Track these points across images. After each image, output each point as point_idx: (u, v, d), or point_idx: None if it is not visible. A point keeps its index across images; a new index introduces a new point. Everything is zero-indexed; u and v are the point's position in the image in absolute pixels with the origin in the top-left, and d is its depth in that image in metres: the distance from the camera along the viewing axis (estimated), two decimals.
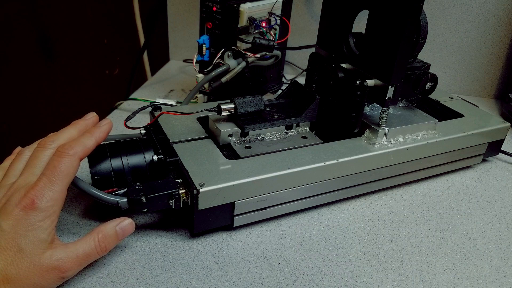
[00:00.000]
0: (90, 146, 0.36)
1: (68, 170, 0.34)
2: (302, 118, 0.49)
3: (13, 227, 0.31)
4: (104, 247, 0.35)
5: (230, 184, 0.39)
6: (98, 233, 0.35)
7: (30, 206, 0.32)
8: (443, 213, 0.49)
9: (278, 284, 0.37)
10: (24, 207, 0.32)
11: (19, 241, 0.31)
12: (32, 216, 0.32)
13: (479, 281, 0.40)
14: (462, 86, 0.85)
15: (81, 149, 0.35)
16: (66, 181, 0.34)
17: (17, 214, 0.31)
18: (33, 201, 0.32)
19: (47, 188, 0.33)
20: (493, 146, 0.57)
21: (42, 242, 0.32)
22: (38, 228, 0.32)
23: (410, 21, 0.41)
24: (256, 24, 0.58)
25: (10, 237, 0.31)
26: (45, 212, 0.32)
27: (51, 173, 0.33)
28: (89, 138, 0.37)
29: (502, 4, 0.76)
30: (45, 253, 0.32)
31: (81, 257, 0.34)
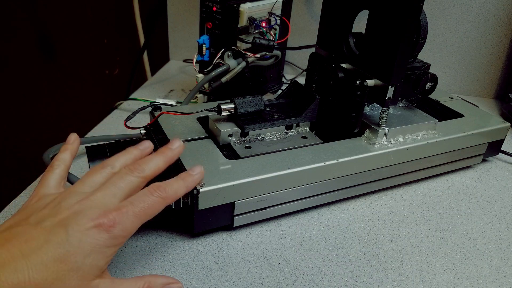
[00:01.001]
0: (180, 195, 0.36)
1: (152, 211, 0.33)
2: (302, 118, 0.49)
3: (80, 243, 0.29)
4: None
5: (230, 184, 0.39)
6: (146, 282, 0.33)
7: (108, 227, 0.30)
8: (443, 213, 0.49)
9: (278, 284, 0.37)
10: (99, 225, 0.30)
11: (79, 259, 0.29)
12: (103, 238, 0.30)
13: (479, 281, 0.40)
14: (462, 86, 0.85)
15: (172, 196, 0.35)
16: (145, 220, 0.33)
17: (90, 230, 0.30)
18: (113, 223, 0.30)
19: (129, 219, 0.31)
20: (493, 146, 0.57)
21: (98, 269, 0.30)
22: (102, 253, 0.30)
23: (410, 21, 0.41)
24: (256, 24, 0.58)
25: (72, 251, 0.29)
26: (115, 240, 0.31)
27: (138, 205, 0.32)
28: (181, 186, 0.36)
29: (502, 4, 0.76)
30: (94, 280, 0.30)
31: None
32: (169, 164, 0.37)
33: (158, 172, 0.36)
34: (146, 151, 0.39)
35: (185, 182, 0.36)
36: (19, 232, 0.30)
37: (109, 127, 0.63)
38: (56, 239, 0.29)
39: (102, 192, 0.33)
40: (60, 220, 0.30)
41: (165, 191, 0.34)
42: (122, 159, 0.37)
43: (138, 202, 0.32)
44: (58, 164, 0.37)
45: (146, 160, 0.36)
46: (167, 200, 0.34)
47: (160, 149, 0.38)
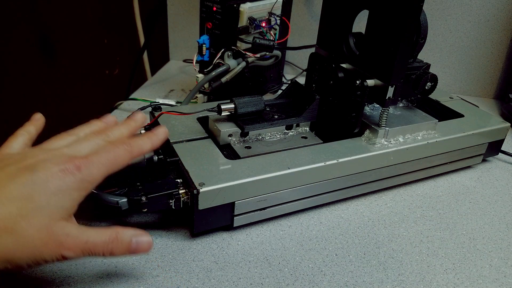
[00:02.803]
0: (146, 150, 0.36)
1: (118, 162, 0.34)
2: (302, 118, 0.49)
3: (45, 182, 0.30)
4: (110, 249, 0.33)
5: (230, 184, 0.39)
6: (114, 232, 0.33)
7: (72, 170, 0.31)
8: (443, 213, 0.49)
9: (278, 284, 0.37)
10: (65, 170, 0.30)
11: (43, 198, 0.30)
12: (69, 180, 0.30)
13: (479, 281, 0.39)
14: (462, 86, 0.85)
15: (137, 149, 0.35)
16: (111, 170, 0.33)
17: (54, 173, 0.30)
18: (78, 167, 0.31)
19: (95, 165, 0.32)
20: (493, 146, 0.57)
21: (63, 210, 0.31)
22: (68, 194, 0.31)
23: (410, 21, 0.41)
24: (256, 24, 0.58)
25: (37, 189, 0.29)
26: (81, 183, 0.31)
27: (103, 155, 0.33)
28: (146, 142, 0.37)
29: (502, 4, 0.76)
30: (60, 222, 0.30)
31: (88, 244, 0.32)
32: (132, 134, 0.39)
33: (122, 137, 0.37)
34: (109, 123, 0.40)
35: (150, 139, 0.37)
36: None
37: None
38: (21, 180, 0.30)
39: (68, 148, 0.34)
40: (25, 165, 0.31)
41: (130, 144, 0.35)
42: (87, 129, 0.38)
43: (104, 152, 0.33)
44: (22, 133, 0.37)
45: (111, 128, 0.38)
46: (132, 154, 0.35)
47: (124, 120, 0.40)
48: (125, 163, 0.35)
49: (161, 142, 0.38)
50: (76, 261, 0.38)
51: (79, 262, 0.38)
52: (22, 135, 0.37)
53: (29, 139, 0.37)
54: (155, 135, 0.38)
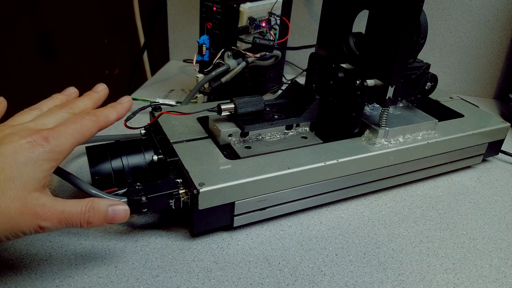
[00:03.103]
0: (112, 119, 0.37)
1: (85, 132, 0.34)
2: (302, 118, 0.49)
3: (14, 154, 0.30)
4: (87, 219, 0.33)
5: (230, 184, 0.39)
6: (90, 201, 0.33)
7: (40, 142, 0.31)
8: (443, 213, 0.49)
9: (278, 284, 0.37)
10: (32, 141, 0.31)
11: (14, 169, 0.30)
12: (38, 151, 0.31)
13: (479, 281, 0.40)
14: (462, 86, 0.85)
15: (103, 119, 0.36)
16: (79, 140, 0.34)
17: (22, 145, 0.30)
18: (46, 138, 0.31)
19: (62, 135, 0.32)
20: (493, 146, 0.57)
21: (36, 181, 0.31)
22: (38, 165, 0.31)
23: (410, 21, 0.41)
24: (256, 24, 0.58)
25: (6, 161, 0.30)
26: (51, 154, 0.31)
27: (70, 125, 0.33)
28: (112, 112, 0.37)
29: (502, 4, 0.76)
30: (33, 192, 0.31)
31: (64, 214, 0.32)
32: (96, 106, 0.39)
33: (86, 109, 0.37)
34: (71, 96, 0.40)
35: (115, 109, 0.38)
36: None
37: (109, 127, 0.63)
38: None
39: (33, 122, 0.34)
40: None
41: (95, 114, 0.35)
42: (50, 103, 0.38)
43: (70, 123, 0.34)
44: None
45: (74, 100, 0.38)
46: (99, 123, 0.35)
47: (86, 92, 0.40)
48: (93, 134, 0.35)
49: (126, 111, 0.39)
50: (76, 261, 0.38)
51: (79, 262, 0.38)
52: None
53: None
54: (119, 103, 0.39)
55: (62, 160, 0.33)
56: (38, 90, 0.85)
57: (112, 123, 0.37)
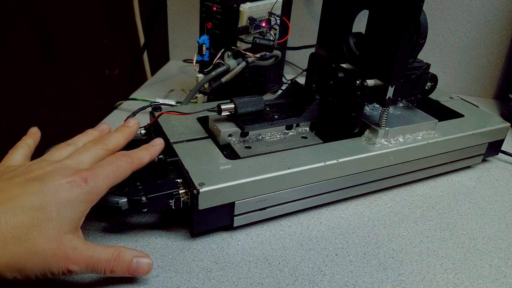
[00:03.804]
0: (145, 161, 0.38)
1: (120, 174, 0.35)
2: (302, 118, 0.49)
3: (55, 193, 0.31)
4: (111, 267, 0.33)
5: (230, 184, 0.39)
6: (117, 250, 0.34)
7: (80, 183, 0.32)
8: (443, 213, 0.49)
9: (278, 284, 0.37)
10: (72, 182, 0.31)
11: (54, 209, 0.30)
12: (77, 192, 0.31)
13: (479, 281, 0.40)
14: (462, 86, 0.85)
15: (137, 161, 0.37)
16: (115, 182, 0.35)
17: (63, 185, 0.31)
18: (85, 179, 0.32)
19: (100, 177, 0.33)
20: (493, 146, 0.57)
21: (72, 222, 0.31)
22: (76, 206, 0.31)
23: (410, 21, 0.41)
24: (256, 24, 0.58)
25: (48, 199, 0.30)
26: (88, 195, 0.32)
27: (107, 167, 0.34)
28: (145, 154, 0.39)
29: (502, 4, 0.76)
30: (68, 234, 0.31)
31: (93, 260, 0.32)
32: (128, 141, 0.41)
33: (119, 146, 0.39)
34: (104, 131, 0.42)
35: (148, 151, 0.39)
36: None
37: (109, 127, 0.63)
38: (32, 189, 0.30)
39: (70, 159, 0.35)
40: (33, 176, 0.32)
41: (130, 156, 0.37)
42: (84, 139, 0.39)
43: (107, 164, 0.35)
44: (23, 146, 0.38)
45: (108, 136, 0.39)
46: (134, 165, 0.37)
47: (119, 127, 0.41)
48: (127, 175, 0.36)
49: (158, 153, 0.40)
50: None
51: None
52: (22, 148, 0.38)
53: (29, 151, 0.38)
54: (152, 146, 0.40)
55: (96, 202, 0.34)
56: (38, 90, 0.85)
57: (145, 164, 0.38)
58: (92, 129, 0.42)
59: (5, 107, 0.80)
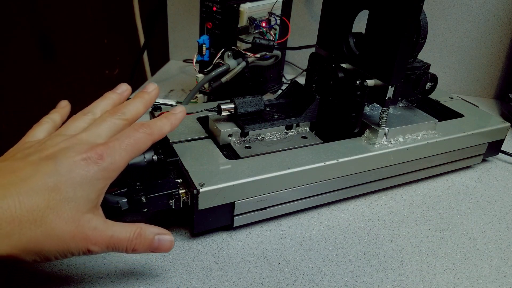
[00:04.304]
0: (166, 131, 0.36)
1: (140, 146, 0.33)
2: (302, 118, 0.49)
3: (69, 172, 0.29)
4: (134, 245, 0.32)
5: (230, 184, 0.39)
6: (138, 228, 0.32)
7: (95, 160, 0.30)
8: (443, 213, 0.49)
9: (278, 284, 0.37)
10: (87, 158, 0.30)
11: (70, 189, 0.29)
12: (93, 170, 0.30)
13: (479, 281, 0.40)
14: (462, 86, 0.85)
15: (157, 132, 0.35)
16: (133, 155, 0.33)
17: (78, 162, 0.30)
18: (101, 155, 0.30)
19: (117, 152, 0.31)
20: (493, 146, 0.57)
21: (89, 201, 0.30)
22: (92, 185, 0.30)
23: (410, 21, 0.41)
24: (256, 24, 0.58)
25: (63, 180, 0.29)
26: (105, 172, 0.31)
27: (124, 140, 0.32)
28: (166, 124, 0.36)
29: (502, 4, 0.76)
30: (86, 214, 0.30)
31: (113, 239, 0.31)
32: (148, 108, 0.38)
33: (138, 115, 0.37)
34: (124, 94, 0.39)
35: (169, 120, 0.37)
36: (6, 166, 0.30)
37: None
38: (45, 170, 0.29)
39: (86, 132, 0.33)
40: (47, 155, 0.30)
41: (149, 127, 0.34)
42: (102, 105, 0.37)
43: (124, 137, 0.33)
44: (47, 121, 0.37)
45: (126, 104, 0.37)
46: (153, 136, 0.34)
47: (137, 93, 0.38)
48: (146, 147, 0.34)
49: (180, 122, 0.37)
50: (76, 260, 0.38)
51: (79, 262, 0.38)
52: (47, 123, 0.37)
53: (53, 127, 0.37)
54: (173, 114, 0.37)
55: (115, 178, 0.32)
56: (38, 90, 0.85)
57: (165, 135, 0.36)
58: (111, 91, 0.39)
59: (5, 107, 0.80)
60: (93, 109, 0.37)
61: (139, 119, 0.37)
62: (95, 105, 0.37)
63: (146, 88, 0.39)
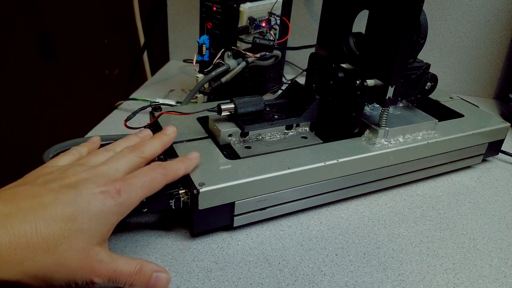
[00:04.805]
0: (180, 175, 0.38)
1: (155, 185, 0.35)
2: (302, 118, 0.49)
3: (88, 204, 0.30)
4: (133, 280, 0.33)
5: (230, 184, 0.39)
6: (139, 264, 0.33)
7: (113, 194, 0.31)
8: (443, 213, 0.49)
9: (278, 284, 0.37)
10: (106, 192, 0.31)
11: (85, 220, 0.30)
12: (109, 204, 0.31)
13: (479, 281, 0.40)
14: (462, 86, 0.85)
15: (172, 174, 0.37)
16: (148, 194, 0.35)
17: (96, 195, 0.31)
18: (119, 191, 0.32)
19: (133, 189, 0.33)
20: (493, 146, 0.57)
21: (101, 234, 0.31)
22: (107, 219, 0.31)
23: (410, 21, 0.41)
24: (256, 24, 0.58)
25: (80, 210, 0.30)
26: (120, 207, 0.32)
27: (141, 178, 0.34)
28: (181, 167, 0.38)
29: (502, 4, 0.76)
30: (96, 247, 0.31)
31: (116, 273, 0.32)
32: (165, 148, 0.41)
33: (156, 154, 0.39)
34: (145, 138, 0.42)
35: (184, 164, 0.39)
36: (27, 190, 0.31)
37: (109, 127, 0.63)
38: (65, 198, 0.30)
39: (106, 165, 0.34)
40: (68, 183, 0.31)
41: (165, 168, 0.36)
42: (124, 145, 0.39)
43: (141, 175, 0.34)
44: (74, 153, 0.38)
45: (145, 143, 0.39)
46: (168, 177, 0.36)
47: (156, 134, 0.41)
48: (161, 186, 0.36)
49: (194, 167, 0.40)
50: None
51: None
52: (74, 155, 0.38)
53: (78, 159, 0.38)
54: (188, 159, 0.39)
55: (126, 214, 0.33)
56: (38, 90, 0.85)
57: (179, 178, 0.38)
58: (134, 134, 0.42)
59: (5, 107, 0.80)
60: (115, 148, 0.39)
61: None
62: (117, 144, 0.39)
63: (165, 129, 0.42)
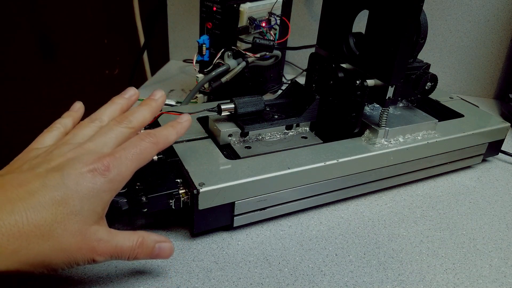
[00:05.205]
0: (172, 140, 0.36)
1: (145, 156, 0.33)
2: (302, 118, 0.49)
3: (76, 185, 0.29)
4: (136, 254, 0.33)
5: (230, 184, 0.39)
6: (140, 237, 0.33)
7: (102, 171, 0.30)
8: (443, 213, 0.49)
9: (278, 284, 0.37)
10: (94, 170, 0.30)
11: (77, 202, 0.29)
12: (99, 182, 0.30)
13: (479, 281, 0.40)
14: (462, 86, 0.85)
15: (163, 141, 0.35)
16: (139, 165, 0.33)
17: (84, 174, 0.30)
18: (107, 167, 0.30)
19: (123, 163, 0.31)
20: (493, 146, 0.57)
21: (96, 213, 0.30)
22: (99, 198, 0.30)
23: (410, 21, 0.41)
24: (256, 24, 0.58)
25: (70, 193, 0.29)
26: (111, 184, 0.31)
27: (130, 150, 0.32)
28: (172, 133, 0.36)
29: (502, 4, 0.76)
30: (92, 226, 0.30)
31: (117, 249, 0.31)
32: (155, 115, 0.38)
33: (145, 122, 0.37)
34: (131, 98, 0.39)
35: (175, 129, 0.36)
36: (13, 178, 0.30)
37: None
38: (52, 183, 0.29)
39: (93, 141, 0.33)
40: (54, 166, 0.30)
41: (155, 136, 0.34)
42: (109, 111, 0.37)
43: (130, 147, 0.33)
44: (58, 127, 0.37)
45: (133, 112, 0.36)
46: (159, 145, 0.34)
47: (145, 100, 0.38)
48: (152, 156, 0.34)
49: (186, 130, 0.37)
50: None
51: None
52: (58, 129, 0.36)
53: (63, 133, 0.36)
54: (179, 123, 0.37)
55: (120, 189, 0.32)
56: (38, 90, 0.85)
57: (171, 144, 0.36)
58: (118, 96, 0.39)
59: (5, 107, 0.80)
60: (100, 116, 0.36)
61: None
62: (102, 111, 0.37)
63: (152, 95, 0.39)
